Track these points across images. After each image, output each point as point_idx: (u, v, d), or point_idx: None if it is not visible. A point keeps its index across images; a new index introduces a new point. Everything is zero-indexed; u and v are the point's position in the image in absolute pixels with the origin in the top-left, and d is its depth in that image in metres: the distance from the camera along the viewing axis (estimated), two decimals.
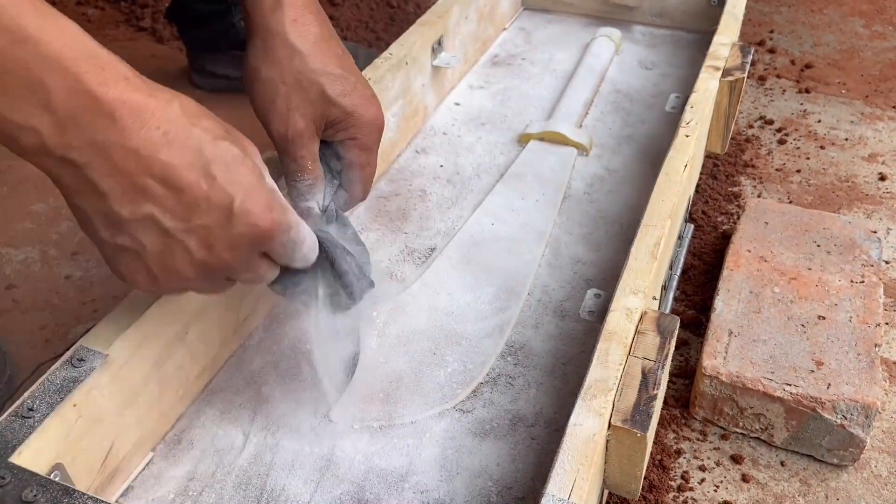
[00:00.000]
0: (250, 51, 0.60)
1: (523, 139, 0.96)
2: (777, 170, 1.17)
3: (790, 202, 1.10)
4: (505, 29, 1.23)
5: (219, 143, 0.45)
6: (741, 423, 0.77)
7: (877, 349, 0.77)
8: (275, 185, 0.49)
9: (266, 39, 0.59)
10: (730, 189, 1.13)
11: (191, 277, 0.47)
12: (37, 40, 0.38)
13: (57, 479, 0.48)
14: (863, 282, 0.84)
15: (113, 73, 0.41)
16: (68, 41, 0.40)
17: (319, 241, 0.55)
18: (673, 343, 0.58)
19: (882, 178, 1.15)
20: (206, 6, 1.29)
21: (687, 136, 0.78)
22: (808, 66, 1.43)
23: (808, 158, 1.20)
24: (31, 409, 0.49)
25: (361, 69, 0.70)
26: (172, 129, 0.43)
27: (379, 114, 0.63)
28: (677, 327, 0.59)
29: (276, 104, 0.59)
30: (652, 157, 0.93)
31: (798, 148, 1.22)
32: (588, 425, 0.50)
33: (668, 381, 0.83)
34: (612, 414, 0.52)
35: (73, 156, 0.41)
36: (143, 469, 0.59)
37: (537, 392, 0.65)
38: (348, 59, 0.63)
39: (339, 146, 0.63)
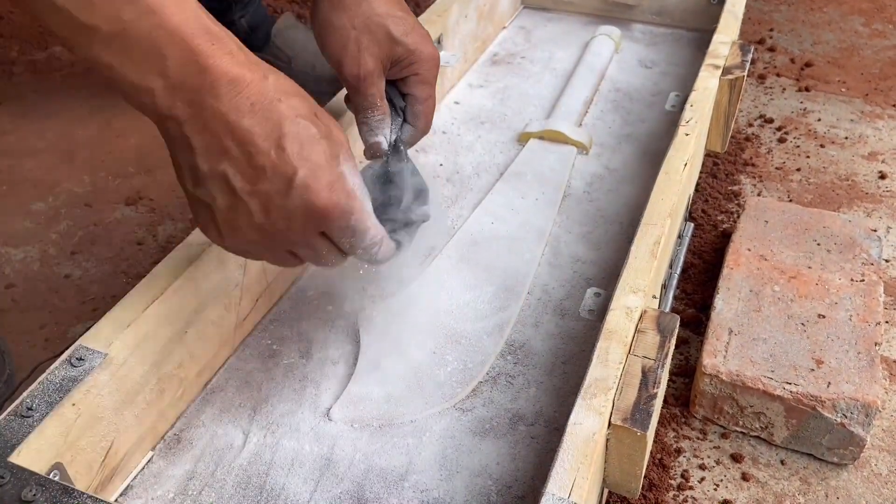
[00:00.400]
0: (319, 5, 0.66)
1: (523, 138, 0.96)
2: (777, 168, 1.17)
3: (790, 201, 1.10)
4: (504, 27, 1.22)
5: (299, 121, 0.49)
6: (741, 422, 0.77)
7: (877, 348, 0.77)
8: (350, 173, 0.51)
9: None
10: (730, 188, 1.12)
11: (252, 239, 0.51)
12: (161, 13, 0.45)
13: (56, 479, 0.48)
14: (863, 280, 0.84)
15: (222, 47, 0.47)
16: (187, 16, 0.46)
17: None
18: (673, 342, 0.58)
19: (882, 176, 1.15)
20: (206, 3, 1.29)
21: (687, 135, 0.78)
22: (807, 65, 1.43)
23: (808, 157, 1.20)
24: (30, 409, 0.49)
25: None
26: (260, 101, 0.48)
27: (436, 51, 0.69)
28: (677, 326, 0.59)
29: (347, 48, 0.65)
30: (652, 156, 0.93)
31: (798, 146, 1.22)
32: (588, 424, 0.50)
33: (668, 380, 0.83)
34: (612, 413, 0.52)
35: (177, 112, 0.47)
36: (143, 468, 0.59)
37: (537, 391, 0.65)
38: (404, 3, 0.69)
39: (402, 84, 0.69)
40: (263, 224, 0.50)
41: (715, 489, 0.73)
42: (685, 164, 0.74)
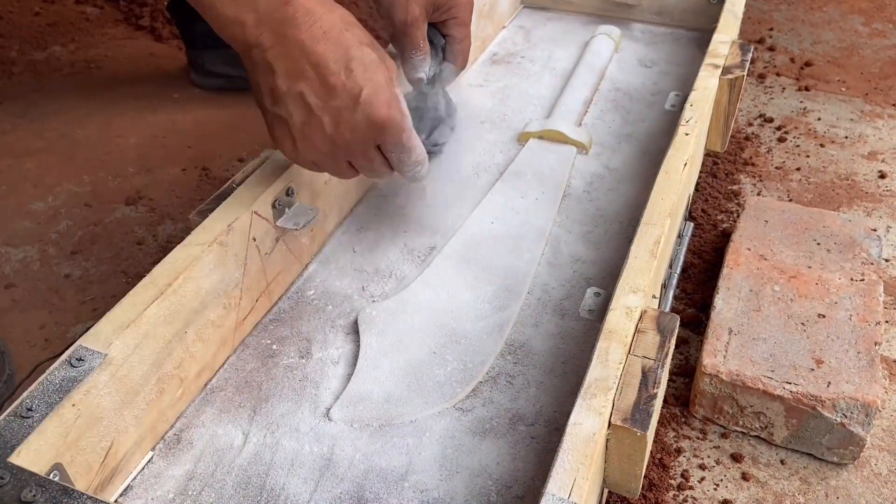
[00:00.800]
0: None
1: (523, 138, 0.96)
2: (777, 168, 1.17)
3: (790, 200, 1.10)
4: (504, 27, 1.22)
5: (363, 47, 0.59)
6: (741, 422, 0.77)
7: (877, 347, 0.77)
8: (401, 96, 0.61)
9: None
10: (729, 187, 1.12)
11: (323, 151, 0.60)
12: None
13: (56, 479, 0.48)
14: (863, 280, 0.84)
15: None
16: None
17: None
18: (673, 342, 0.58)
19: (882, 175, 1.15)
20: None
21: (686, 135, 0.78)
22: (807, 64, 1.43)
23: (807, 156, 1.20)
24: (30, 409, 0.49)
25: None
26: (331, 30, 0.57)
27: None
28: (677, 326, 0.59)
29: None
30: (652, 156, 0.93)
31: (798, 146, 1.22)
32: (588, 424, 0.50)
33: (668, 380, 0.83)
34: (611, 413, 0.52)
35: (263, 40, 0.57)
36: (143, 468, 0.59)
37: (537, 391, 0.65)
38: None
39: (441, 26, 0.79)
40: (333, 135, 0.59)
41: (715, 489, 0.73)
42: (685, 164, 0.74)
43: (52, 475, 0.49)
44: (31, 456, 0.47)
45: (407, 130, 0.61)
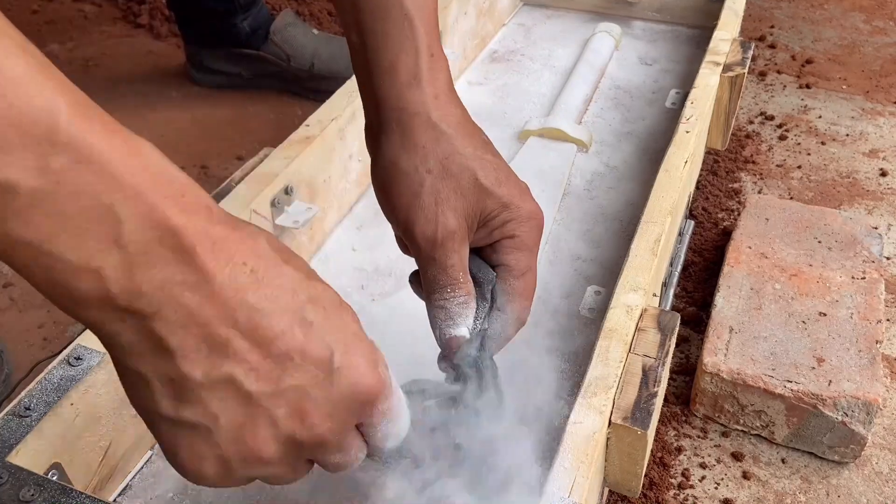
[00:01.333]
0: (384, 142, 0.50)
1: (523, 136, 0.95)
2: (778, 166, 1.17)
3: (791, 198, 1.10)
4: (504, 25, 1.22)
5: (314, 283, 0.37)
6: (742, 421, 0.77)
7: (878, 346, 0.76)
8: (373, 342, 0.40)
9: (403, 122, 0.49)
10: (730, 185, 1.12)
11: (271, 460, 0.37)
12: (107, 160, 0.31)
13: (55, 479, 0.47)
14: (864, 278, 0.84)
15: (194, 201, 0.33)
16: (144, 162, 0.33)
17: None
18: (673, 340, 0.58)
19: (883, 173, 1.14)
20: (213, 2, 1.29)
21: (687, 132, 0.77)
22: (808, 62, 1.43)
23: (808, 154, 1.19)
24: (28, 409, 0.49)
25: None
26: (262, 266, 0.35)
27: (538, 209, 0.52)
28: (678, 324, 0.59)
29: (421, 198, 0.48)
30: (652, 154, 0.93)
31: (799, 144, 1.22)
32: (588, 423, 0.50)
33: (669, 379, 0.83)
34: (612, 411, 0.52)
35: (140, 304, 0.32)
36: (142, 467, 0.59)
37: (537, 389, 0.65)
38: (493, 146, 0.54)
39: (490, 252, 0.51)
40: (293, 431, 0.36)
41: (716, 488, 0.73)
42: (685, 162, 0.74)
43: (50, 474, 0.48)
44: (30, 455, 0.47)
45: (395, 389, 0.41)
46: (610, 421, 0.51)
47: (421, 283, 0.51)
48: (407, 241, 0.50)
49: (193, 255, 0.32)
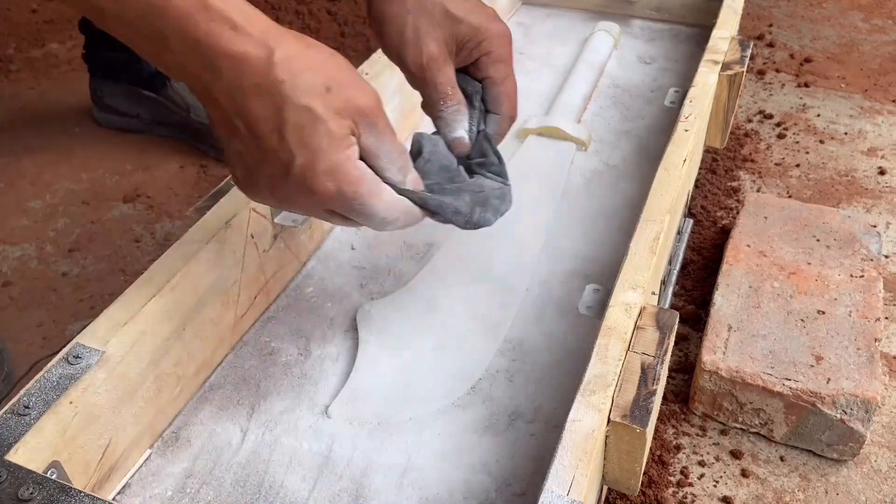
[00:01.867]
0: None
1: (522, 134, 0.95)
2: (776, 164, 1.17)
3: (789, 197, 1.10)
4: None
5: (302, 102, 0.47)
6: (741, 419, 0.77)
7: (877, 344, 0.77)
8: (355, 155, 0.49)
9: None
10: (729, 184, 1.12)
11: (272, 203, 0.52)
12: None
13: (53, 477, 0.47)
14: (862, 276, 0.84)
15: (222, 23, 0.45)
16: None
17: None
18: (672, 338, 0.58)
19: (881, 172, 1.15)
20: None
21: (686, 131, 0.77)
22: (807, 61, 1.43)
23: (807, 153, 1.19)
24: (27, 407, 0.49)
25: (357, 66, 0.69)
26: (265, 82, 0.46)
27: (505, 27, 0.63)
28: (676, 322, 0.59)
29: (405, 35, 0.60)
30: (651, 152, 0.93)
31: (797, 142, 1.22)
32: (587, 421, 0.50)
33: (668, 377, 0.83)
34: (611, 409, 0.52)
35: (192, 85, 0.47)
36: (141, 466, 0.59)
37: (536, 388, 0.65)
38: None
39: (473, 68, 0.62)
40: (277, 197, 0.51)
41: (714, 486, 0.73)
42: (684, 160, 0.74)
43: (49, 473, 0.48)
44: (29, 454, 0.47)
45: (361, 196, 0.50)
46: (609, 419, 0.51)
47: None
48: (404, 72, 0.62)
49: (217, 69, 0.46)
